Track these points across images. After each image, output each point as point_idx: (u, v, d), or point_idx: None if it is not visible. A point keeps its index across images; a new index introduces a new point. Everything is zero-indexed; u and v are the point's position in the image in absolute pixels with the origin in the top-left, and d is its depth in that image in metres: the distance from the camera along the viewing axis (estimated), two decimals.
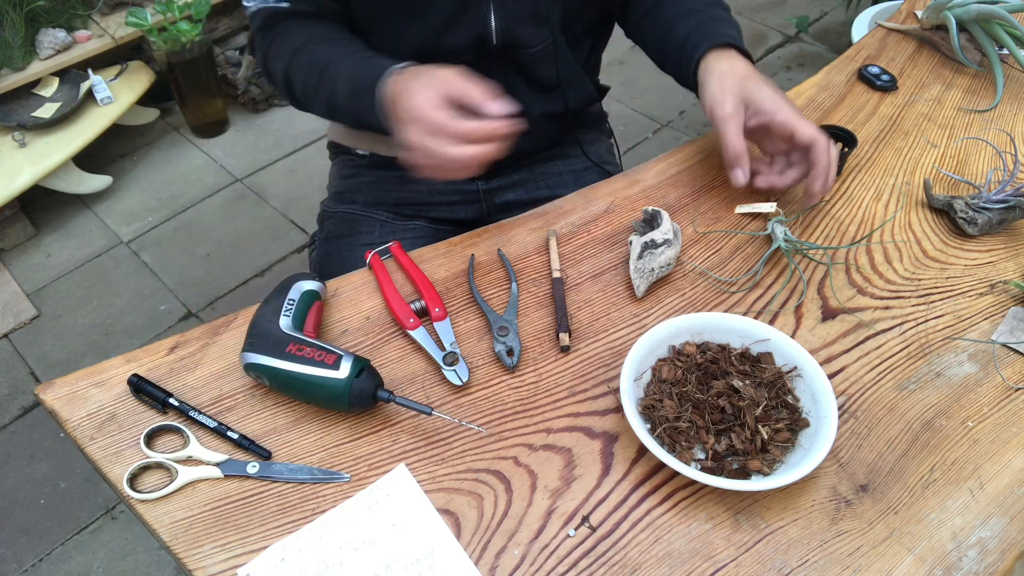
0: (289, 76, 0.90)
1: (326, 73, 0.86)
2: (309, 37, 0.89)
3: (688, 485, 0.67)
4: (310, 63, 0.88)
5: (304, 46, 0.89)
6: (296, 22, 0.92)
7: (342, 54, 0.87)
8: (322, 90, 0.87)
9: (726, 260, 0.86)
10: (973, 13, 1.09)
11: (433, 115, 0.71)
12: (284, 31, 0.92)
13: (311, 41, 0.89)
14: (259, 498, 0.66)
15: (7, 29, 1.97)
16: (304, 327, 0.73)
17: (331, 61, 0.86)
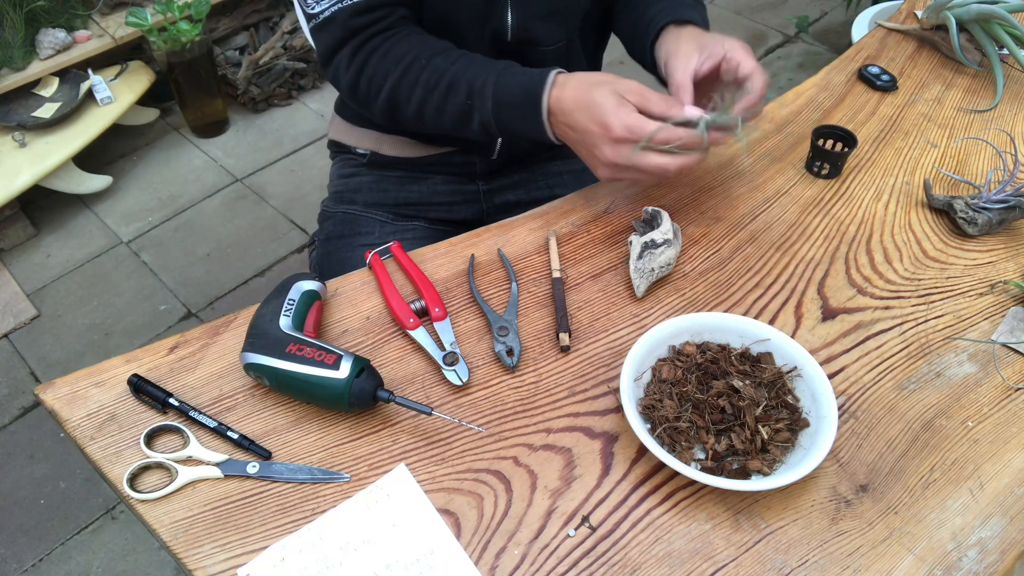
0: (399, 96, 0.86)
1: (456, 89, 0.83)
2: (418, 52, 0.85)
3: (688, 485, 0.67)
4: (430, 80, 0.84)
5: (415, 62, 0.85)
6: (393, 38, 0.86)
7: (471, 67, 0.83)
8: (450, 106, 0.84)
9: (726, 260, 0.86)
10: (973, 13, 1.09)
11: (645, 127, 0.73)
12: (381, 48, 0.86)
13: (422, 55, 0.85)
14: (259, 498, 0.66)
15: (7, 29, 1.97)
16: (304, 327, 0.73)
17: (459, 75, 0.83)
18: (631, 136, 0.74)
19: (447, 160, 1.06)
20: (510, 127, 0.84)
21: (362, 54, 0.86)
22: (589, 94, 0.76)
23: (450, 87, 0.83)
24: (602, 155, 0.76)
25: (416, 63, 0.84)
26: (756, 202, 0.93)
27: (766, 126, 1.03)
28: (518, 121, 0.82)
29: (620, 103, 0.75)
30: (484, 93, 0.82)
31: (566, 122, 0.79)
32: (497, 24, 0.92)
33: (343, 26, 0.85)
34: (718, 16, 2.89)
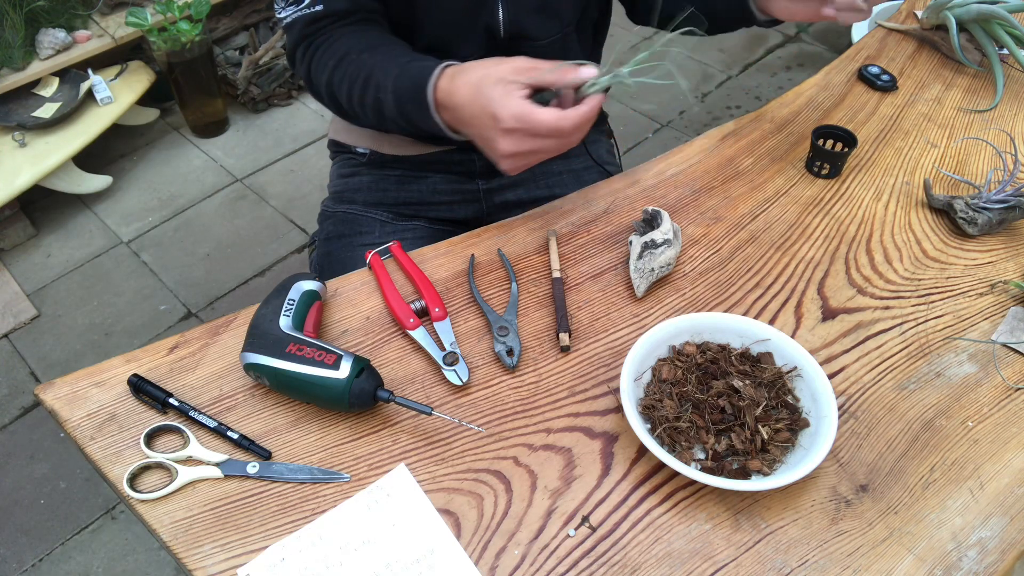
0: (333, 90, 0.87)
1: (370, 82, 0.83)
2: (351, 46, 0.86)
3: (688, 485, 0.67)
4: (354, 73, 0.84)
5: (346, 56, 0.85)
6: (337, 33, 0.88)
7: (385, 60, 0.83)
8: (368, 99, 0.84)
9: (726, 260, 0.86)
10: (973, 13, 1.09)
11: (538, 119, 0.70)
12: (324, 43, 0.88)
13: (353, 50, 0.86)
14: (259, 498, 0.66)
15: (7, 29, 1.97)
16: (304, 327, 0.73)
17: (374, 69, 0.83)
18: (522, 125, 0.71)
19: (446, 159, 1.06)
20: (414, 122, 0.82)
21: (311, 49, 0.89)
22: (476, 87, 0.74)
23: (367, 81, 0.83)
24: (499, 148, 0.73)
25: (348, 57, 0.85)
26: (756, 202, 0.93)
27: (765, 126, 1.03)
28: (415, 116, 0.81)
29: (506, 91, 0.71)
30: (386, 87, 0.81)
31: (458, 117, 0.77)
32: (489, 19, 0.92)
33: (300, 31, 0.89)
34: None
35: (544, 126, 0.70)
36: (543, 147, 0.72)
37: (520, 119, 0.70)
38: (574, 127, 0.70)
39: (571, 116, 0.69)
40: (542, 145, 0.72)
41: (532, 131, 0.70)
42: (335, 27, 0.88)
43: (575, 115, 0.70)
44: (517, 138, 0.72)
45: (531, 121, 0.70)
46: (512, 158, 0.74)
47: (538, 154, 0.74)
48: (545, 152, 0.73)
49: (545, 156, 0.74)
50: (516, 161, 0.75)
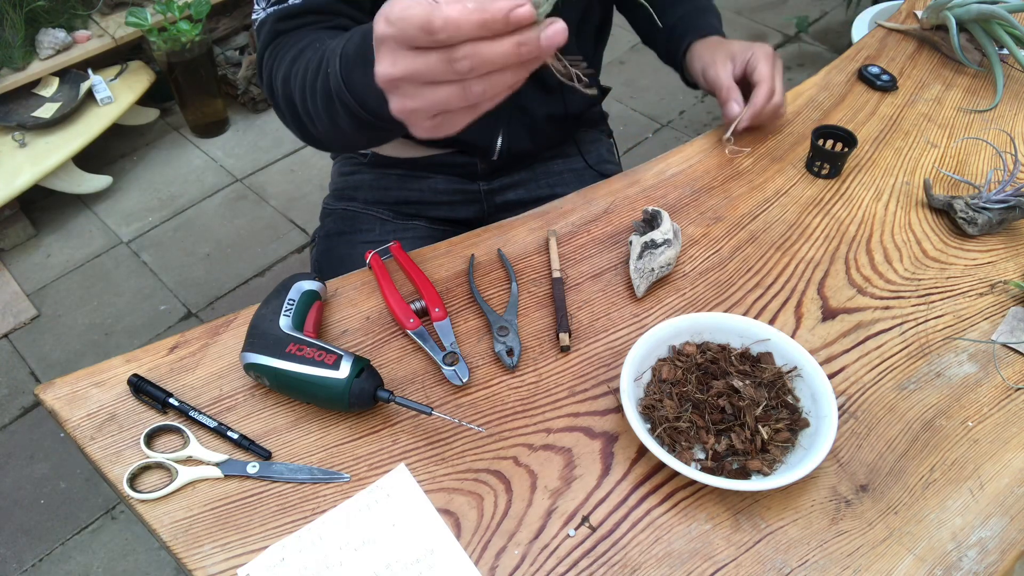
0: (290, 88, 0.72)
1: (322, 65, 0.67)
2: (314, 39, 0.73)
3: (688, 485, 0.67)
4: (310, 60, 0.70)
5: (306, 48, 0.73)
6: (306, 32, 0.77)
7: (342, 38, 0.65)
8: (319, 83, 0.67)
9: (726, 260, 0.86)
10: (973, 13, 1.09)
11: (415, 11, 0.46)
12: (287, 43, 0.77)
13: (316, 41, 0.73)
14: (259, 498, 0.66)
15: (7, 29, 1.97)
16: (304, 327, 0.73)
17: (327, 50, 0.67)
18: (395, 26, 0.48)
19: (447, 160, 1.07)
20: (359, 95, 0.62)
21: (273, 53, 0.77)
22: None
23: (319, 65, 0.67)
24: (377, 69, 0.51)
25: (307, 50, 0.72)
26: (756, 202, 0.93)
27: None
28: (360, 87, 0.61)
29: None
30: (335, 58, 0.64)
31: None
32: None
33: (269, 30, 0.78)
34: None
35: (414, 21, 0.46)
36: (421, 67, 0.48)
37: (393, 16, 0.47)
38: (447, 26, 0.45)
39: (448, 10, 0.45)
40: (419, 64, 0.47)
41: (403, 32, 0.47)
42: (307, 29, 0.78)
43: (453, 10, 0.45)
44: (389, 49, 0.49)
45: (402, 16, 0.46)
46: (392, 83, 0.50)
47: (421, 82, 0.49)
48: (426, 76, 0.48)
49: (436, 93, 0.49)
50: (401, 97, 0.50)
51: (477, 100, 0.49)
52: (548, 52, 0.47)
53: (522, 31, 0.45)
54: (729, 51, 0.96)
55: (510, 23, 0.45)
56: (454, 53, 0.46)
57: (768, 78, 0.93)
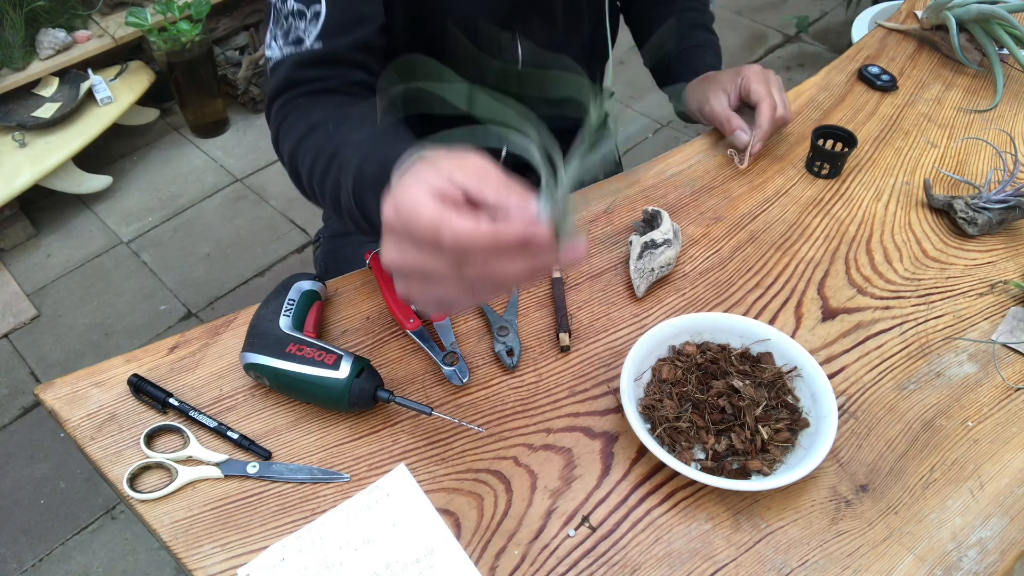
0: (296, 161, 0.72)
1: (335, 161, 0.66)
2: (328, 117, 0.71)
3: (688, 485, 0.67)
4: (321, 146, 0.69)
5: (319, 126, 0.70)
6: (321, 100, 0.75)
7: (359, 135, 0.66)
8: (329, 181, 0.67)
9: (726, 260, 0.86)
10: (973, 13, 1.09)
11: (424, 214, 0.43)
12: (304, 105, 0.74)
13: (330, 119, 0.70)
14: (259, 498, 0.66)
15: (7, 29, 1.97)
16: (304, 327, 0.73)
17: (342, 146, 0.66)
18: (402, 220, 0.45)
19: None
20: (370, 218, 0.63)
21: (286, 108, 0.75)
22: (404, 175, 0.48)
23: (331, 158, 0.67)
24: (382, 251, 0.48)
25: (320, 129, 0.70)
26: (756, 202, 0.93)
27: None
28: (372, 210, 0.61)
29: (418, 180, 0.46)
30: (349, 168, 0.64)
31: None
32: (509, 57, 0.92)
33: (285, 75, 0.75)
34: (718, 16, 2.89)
35: (421, 223, 0.43)
36: (427, 265, 0.45)
37: (402, 210, 0.45)
38: (456, 243, 0.42)
39: (459, 226, 0.42)
40: (426, 262, 0.45)
41: (409, 230, 0.44)
42: (324, 91, 0.75)
43: (464, 227, 0.42)
44: (396, 238, 0.47)
45: (411, 214, 0.44)
46: (397, 271, 0.48)
47: (426, 277, 0.46)
48: (432, 275, 0.46)
49: (441, 288, 0.47)
50: (406, 283, 0.49)
51: (486, 300, 0.48)
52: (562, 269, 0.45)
53: (536, 251, 0.42)
54: (720, 84, 0.97)
55: (524, 246, 0.42)
56: (464, 264, 0.44)
57: (766, 95, 0.92)
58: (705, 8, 1.08)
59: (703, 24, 1.07)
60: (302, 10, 0.74)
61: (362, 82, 0.77)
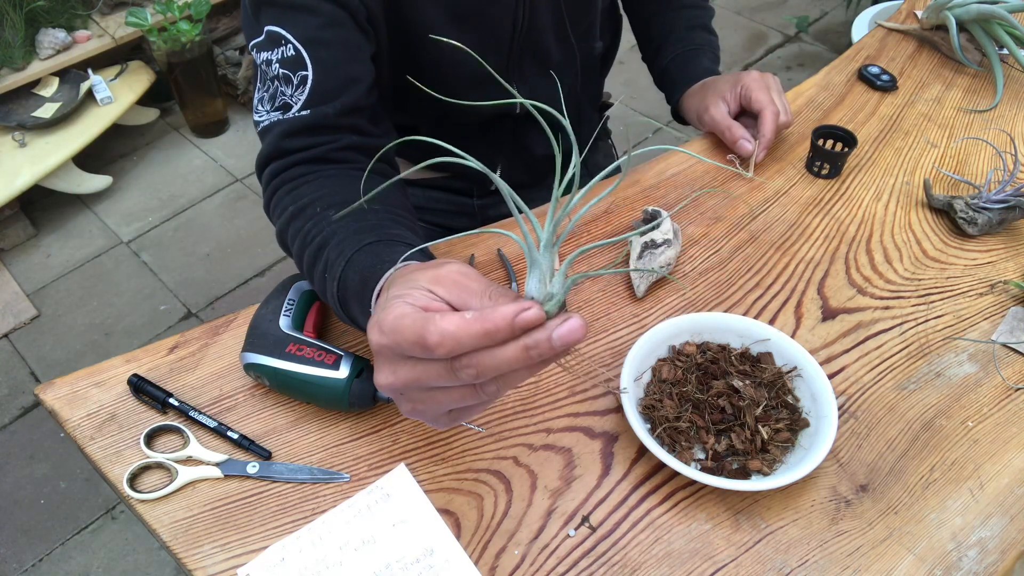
0: (286, 239, 0.72)
1: (321, 255, 0.66)
2: (317, 196, 0.70)
3: (688, 485, 0.67)
4: (309, 232, 0.68)
5: (308, 207, 0.69)
6: (312, 174, 0.72)
7: (343, 233, 0.65)
8: (316, 272, 0.67)
9: (726, 260, 0.86)
10: (973, 13, 1.09)
11: (408, 324, 0.42)
12: (293, 179, 0.72)
13: (318, 202, 0.69)
14: (259, 498, 0.66)
15: (7, 29, 1.97)
16: (304, 327, 0.73)
17: (330, 237, 0.66)
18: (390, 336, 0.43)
19: (443, 184, 1.08)
20: (354, 317, 0.64)
21: (276, 181, 0.74)
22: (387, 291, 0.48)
23: (319, 250, 0.66)
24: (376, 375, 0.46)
25: (308, 210, 0.69)
26: (756, 202, 0.93)
27: None
28: (358, 313, 0.62)
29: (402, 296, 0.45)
30: (335, 271, 0.63)
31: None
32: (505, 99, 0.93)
33: (274, 145, 0.73)
34: (718, 16, 2.89)
35: (407, 334, 0.42)
36: (422, 376, 0.44)
37: (387, 328, 0.43)
38: (444, 342, 0.41)
39: (444, 324, 0.41)
40: (420, 373, 0.44)
41: (396, 344, 0.43)
42: (313, 160, 0.73)
43: (449, 323, 0.41)
44: (386, 359, 0.45)
45: (395, 328, 0.43)
46: (395, 391, 0.46)
47: (425, 389, 0.45)
48: (430, 385, 0.44)
49: (444, 396, 0.45)
50: (408, 403, 0.47)
51: (492, 398, 0.45)
52: (562, 352, 0.41)
53: (530, 333, 0.40)
54: (718, 92, 0.96)
55: (516, 330, 0.40)
56: (457, 363, 0.42)
57: (768, 102, 0.92)
58: (706, 6, 1.08)
59: (703, 25, 1.07)
60: (288, 75, 0.72)
61: (352, 146, 0.74)
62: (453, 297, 0.44)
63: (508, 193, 0.41)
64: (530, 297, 0.42)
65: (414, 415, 0.48)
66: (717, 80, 0.99)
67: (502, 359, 0.41)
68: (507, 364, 0.41)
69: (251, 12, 0.74)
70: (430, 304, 0.44)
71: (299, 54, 0.71)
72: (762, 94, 0.93)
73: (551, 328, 0.40)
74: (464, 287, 0.44)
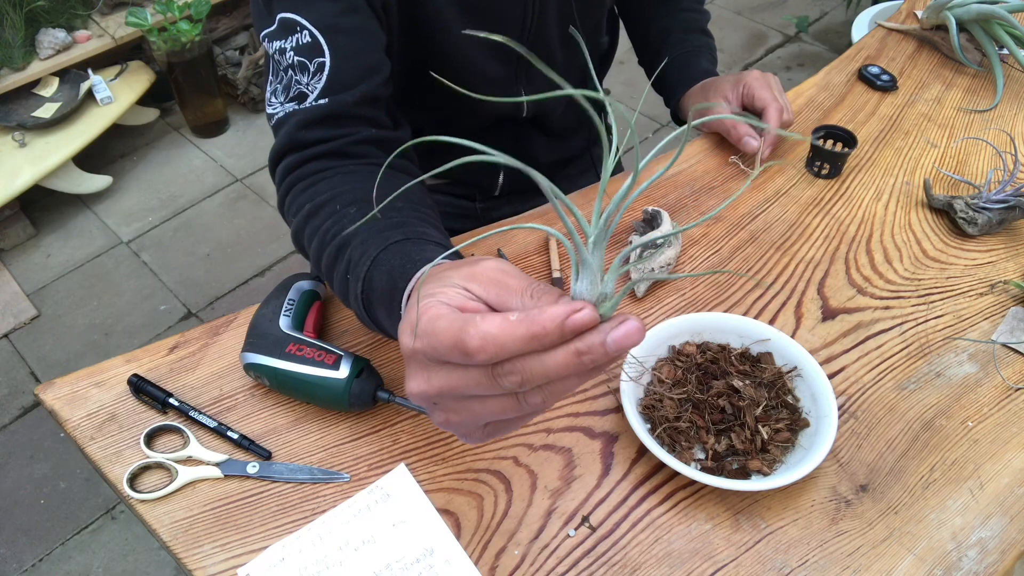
0: (303, 239, 0.69)
1: (342, 255, 0.63)
2: (336, 193, 0.67)
3: (688, 485, 0.67)
4: (328, 231, 0.65)
5: (326, 204, 0.67)
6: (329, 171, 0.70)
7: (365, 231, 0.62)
8: (336, 276, 0.64)
9: (726, 260, 0.86)
10: (973, 13, 1.09)
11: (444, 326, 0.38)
12: (309, 175, 0.70)
13: (337, 199, 0.66)
14: (259, 498, 0.66)
15: (7, 29, 1.97)
16: (304, 327, 0.73)
17: (351, 237, 0.63)
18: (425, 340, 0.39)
19: (444, 189, 1.08)
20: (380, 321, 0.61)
21: (291, 177, 0.71)
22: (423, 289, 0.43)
23: (340, 250, 0.63)
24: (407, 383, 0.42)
25: (326, 207, 0.67)
26: (756, 202, 0.93)
27: None
28: (384, 317, 0.59)
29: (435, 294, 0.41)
30: (358, 272, 0.60)
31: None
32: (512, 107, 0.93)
33: (289, 137, 0.70)
34: (718, 16, 2.89)
35: (443, 337, 0.38)
36: (459, 385, 0.40)
37: (421, 331, 0.40)
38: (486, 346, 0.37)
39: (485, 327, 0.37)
40: (458, 381, 0.40)
41: (432, 348, 0.39)
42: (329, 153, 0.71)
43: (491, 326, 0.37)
44: (419, 365, 0.41)
45: (430, 331, 0.39)
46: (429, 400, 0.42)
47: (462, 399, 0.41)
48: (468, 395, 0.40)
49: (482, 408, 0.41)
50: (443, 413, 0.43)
51: (536, 411, 0.40)
52: (616, 358, 0.37)
53: (583, 336, 0.36)
54: (720, 92, 0.97)
55: (567, 333, 0.36)
56: (499, 370, 0.38)
57: (772, 99, 0.93)
58: (701, 7, 1.08)
59: (700, 28, 1.07)
60: (303, 62, 0.69)
61: (370, 139, 0.72)
62: (491, 296, 0.41)
63: (548, 187, 0.38)
64: (580, 298, 0.38)
65: (447, 427, 0.44)
66: (718, 80, 0.99)
67: (551, 365, 0.37)
68: (556, 371, 0.37)
69: (262, 1, 0.71)
70: (467, 304, 0.40)
71: (316, 40, 0.69)
72: (765, 92, 0.93)
73: (605, 331, 0.36)
74: (503, 285, 0.41)
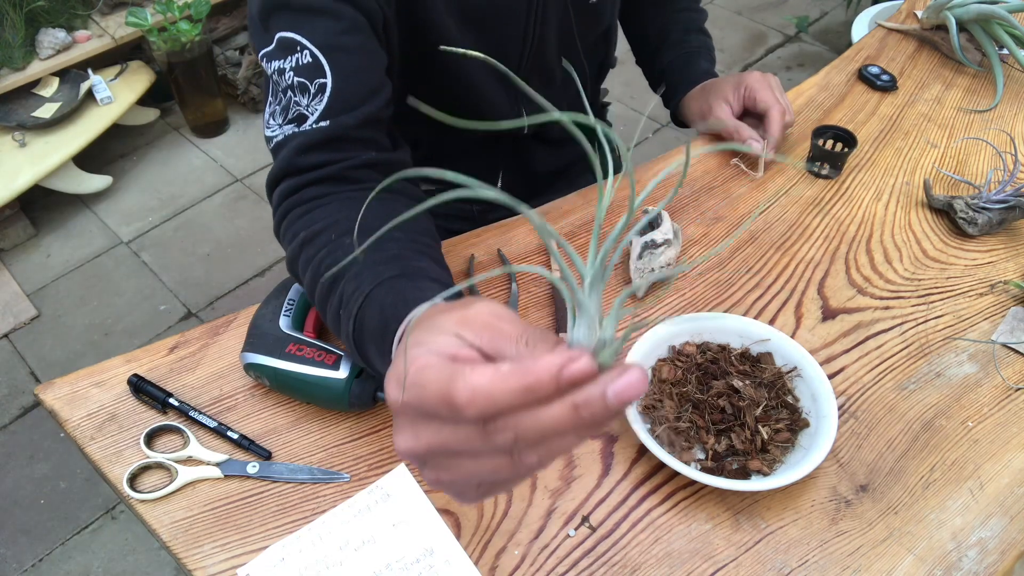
0: (297, 268, 0.68)
1: (335, 290, 0.62)
2: (331, 222, 0.66)
3: (688, 485, 0.67)
4: (321, 261, 0.64)
5: (320, 234, 0.65)
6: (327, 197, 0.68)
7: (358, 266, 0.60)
8: (329, 310, 0.63)
9: (726, 260, 0.86)
10: (973, 13, 1.09)
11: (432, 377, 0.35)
12: (306, 201, 0.69)
13: (332, 228, 0.65)
14: (259, 498, 0.66)
15: (7, 29, 1.97)
16: (304, 327, 0.73)
17: (345, 270, 0.61)
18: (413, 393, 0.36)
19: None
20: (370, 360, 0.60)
21: (288, 203, 0.70)
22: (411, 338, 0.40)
23: (334, 282, 0.62)
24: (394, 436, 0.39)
25: (321, 236, 0.65)
26: (756, 202, 0.93)
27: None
28: (375, 357, 0.58)
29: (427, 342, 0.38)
30: (350, 308, 0.59)
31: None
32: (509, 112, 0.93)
33: (287, 161, 0.69)
34: (718, 16, 2.89)
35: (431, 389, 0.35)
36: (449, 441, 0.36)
37: (411, 379, 0.37)
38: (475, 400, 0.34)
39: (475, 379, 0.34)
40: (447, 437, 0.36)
41: (419, 402, 0.36)
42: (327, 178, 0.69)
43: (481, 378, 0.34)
44: (407, 420, 0.38)
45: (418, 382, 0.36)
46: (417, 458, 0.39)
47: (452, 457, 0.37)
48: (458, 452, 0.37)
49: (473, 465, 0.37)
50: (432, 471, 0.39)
51: (531, 471, 0.37)
52: (619, 411, 0.33)
53: (581, 388, 0.33)
54: (721, 94, 0.97)
55: (563, 385, 0.33)
56: (491, 426, 0.34)
57: (774, 101, 0.93)
58: (700, 9, 1.08)
59: (698, 28, 1.07)
60: (303, 83, 0.66)
61: (370, 163, 0.70)
62: (484, 342, 0.37)
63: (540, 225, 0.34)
64: (578, 346, 0.35)
65: (438, 485, 0.40)
66: (718, 82, 0.99)
67: (546, 421, 0.33)
68: (552, 427, 0.33)
69: (259, 20, 0.68)
70: (459, 351, 0.37)
71: (317, 60, 0.66)
72: (767, 93, 0.93)
73: (605, 383, 0.32)
74: (497, 330, 0.37)
